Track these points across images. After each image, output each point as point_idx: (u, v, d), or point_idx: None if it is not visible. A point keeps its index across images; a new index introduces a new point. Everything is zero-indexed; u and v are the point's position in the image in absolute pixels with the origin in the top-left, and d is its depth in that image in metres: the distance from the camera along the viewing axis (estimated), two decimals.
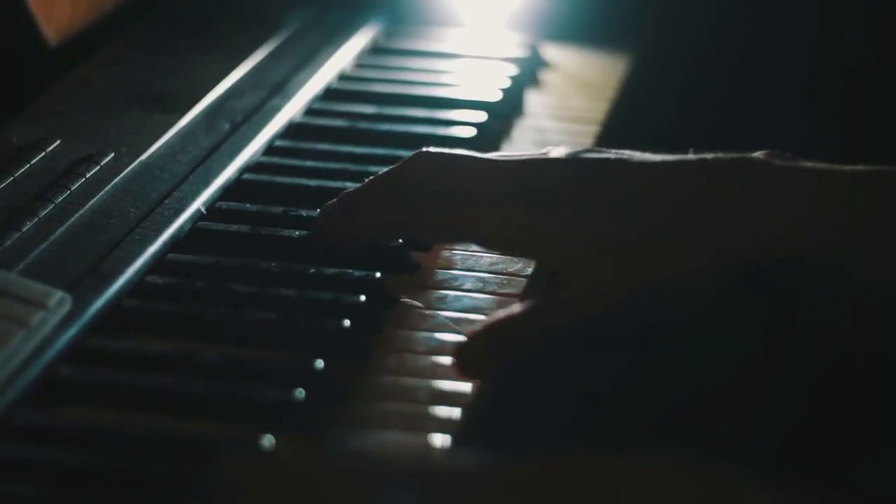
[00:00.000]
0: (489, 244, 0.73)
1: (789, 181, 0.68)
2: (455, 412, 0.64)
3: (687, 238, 0.67)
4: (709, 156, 0.70)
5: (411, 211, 0.72)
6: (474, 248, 0.77)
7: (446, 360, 0.68)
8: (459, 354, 0.67)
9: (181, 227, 0.76)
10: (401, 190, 0.73)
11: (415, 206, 0.72)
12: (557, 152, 0.72)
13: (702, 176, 0.69)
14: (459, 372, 0.67)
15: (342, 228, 0.74)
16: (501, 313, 0.68)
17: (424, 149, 0.74)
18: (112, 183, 0.78)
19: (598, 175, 0.70)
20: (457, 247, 0.77)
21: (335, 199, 0.75)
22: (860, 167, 0.69)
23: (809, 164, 0.69)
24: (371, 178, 0.74)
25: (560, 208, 0.69)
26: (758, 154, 0.70)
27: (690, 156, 0.70)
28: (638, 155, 0.71)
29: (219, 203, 0.80)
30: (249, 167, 0.85)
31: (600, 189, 0.69)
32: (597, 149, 0.73)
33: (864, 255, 0.68)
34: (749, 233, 0.67)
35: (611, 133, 0.97)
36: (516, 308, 0.69)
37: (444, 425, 0.63)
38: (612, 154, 0.71)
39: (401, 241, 0.75)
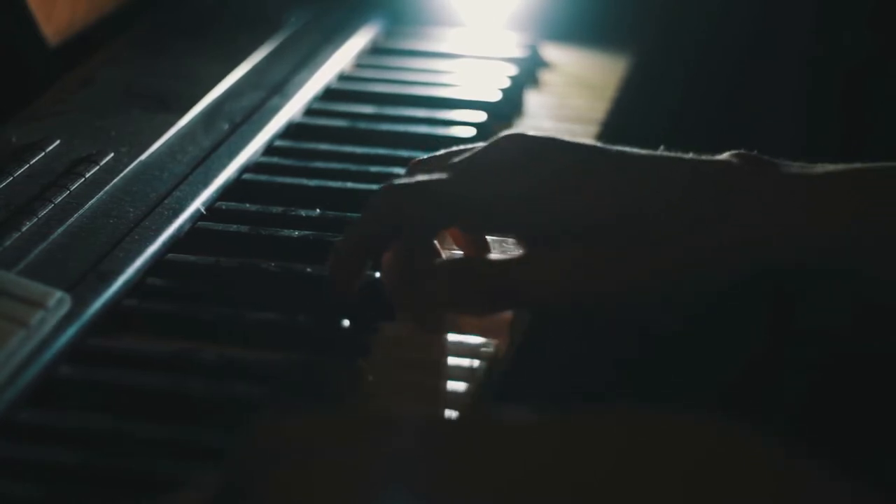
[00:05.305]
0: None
1: (778, 184, 0.68)
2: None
3: (676, 235, 0.67)
4: (686, 156, 0.70)
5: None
6: None
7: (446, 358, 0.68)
8: (424, 281, 0.68)
9: (181, 228, 0.76)
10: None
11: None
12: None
13: (688, 177, 0.68)
14: (425, 297, 0.68)
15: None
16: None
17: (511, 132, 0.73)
18: (112, 183, 0.78)
19: (599, 161, 0.69)
20: (456, 247, 0.77)
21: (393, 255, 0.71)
22: (844, 166, 0.69)
23: (791, 166, 0.69)
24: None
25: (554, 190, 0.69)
26: (726, 155, 0.69)
27: (666, 153, 0.70)
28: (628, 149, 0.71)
29: (218, 203, 0.80)
30: (249, 167, 0.85)
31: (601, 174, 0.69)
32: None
33: (866, 253, 0.67)
34: (738, 234, 0.67)
35: (611, 133, 0.97)
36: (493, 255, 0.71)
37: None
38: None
39: None
